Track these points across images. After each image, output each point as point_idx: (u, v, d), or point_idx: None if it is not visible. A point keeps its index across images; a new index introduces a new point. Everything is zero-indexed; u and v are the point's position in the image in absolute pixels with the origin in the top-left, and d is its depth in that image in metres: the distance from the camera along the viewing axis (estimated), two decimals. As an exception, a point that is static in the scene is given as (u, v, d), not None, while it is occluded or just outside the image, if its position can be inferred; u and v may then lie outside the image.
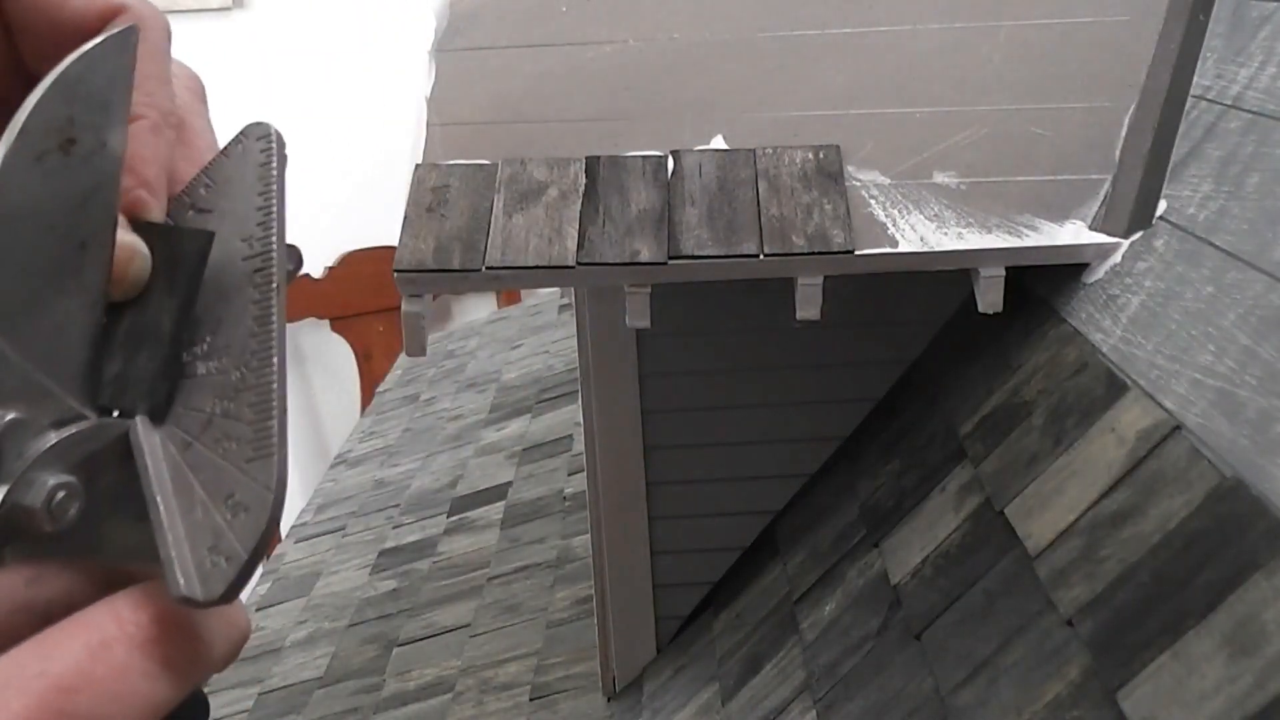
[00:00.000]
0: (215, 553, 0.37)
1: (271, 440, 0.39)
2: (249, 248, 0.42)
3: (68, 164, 0.39)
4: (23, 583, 0.37)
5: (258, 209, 0.43)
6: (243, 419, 0.40)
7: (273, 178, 0.44)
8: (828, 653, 1.00)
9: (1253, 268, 0.81)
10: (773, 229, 0.98)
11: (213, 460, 0.39)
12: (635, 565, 1.28)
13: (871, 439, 1.20)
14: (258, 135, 0.45)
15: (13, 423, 0.36)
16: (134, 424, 0.40)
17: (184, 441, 0.40)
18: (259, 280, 0.42)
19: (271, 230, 0.43)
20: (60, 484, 0.37)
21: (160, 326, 0.42)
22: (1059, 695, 0.72)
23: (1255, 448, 0.69)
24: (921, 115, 1.06)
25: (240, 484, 0.38)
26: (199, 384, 0.41)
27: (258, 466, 0.39)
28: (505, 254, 0.98)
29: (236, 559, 0.37)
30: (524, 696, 1.42)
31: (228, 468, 0.39)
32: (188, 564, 0.37)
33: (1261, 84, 0.94)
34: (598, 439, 1.24)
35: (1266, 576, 0.62)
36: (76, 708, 0.34)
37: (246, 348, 0.41)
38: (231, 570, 0.37)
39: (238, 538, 0.37)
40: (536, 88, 1.10)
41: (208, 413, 0.40)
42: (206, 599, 0.37)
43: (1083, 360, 0.90)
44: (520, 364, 2.76)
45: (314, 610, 1.87)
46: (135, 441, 0.40)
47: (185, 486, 0.39)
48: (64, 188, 0.39)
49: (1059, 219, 0.99)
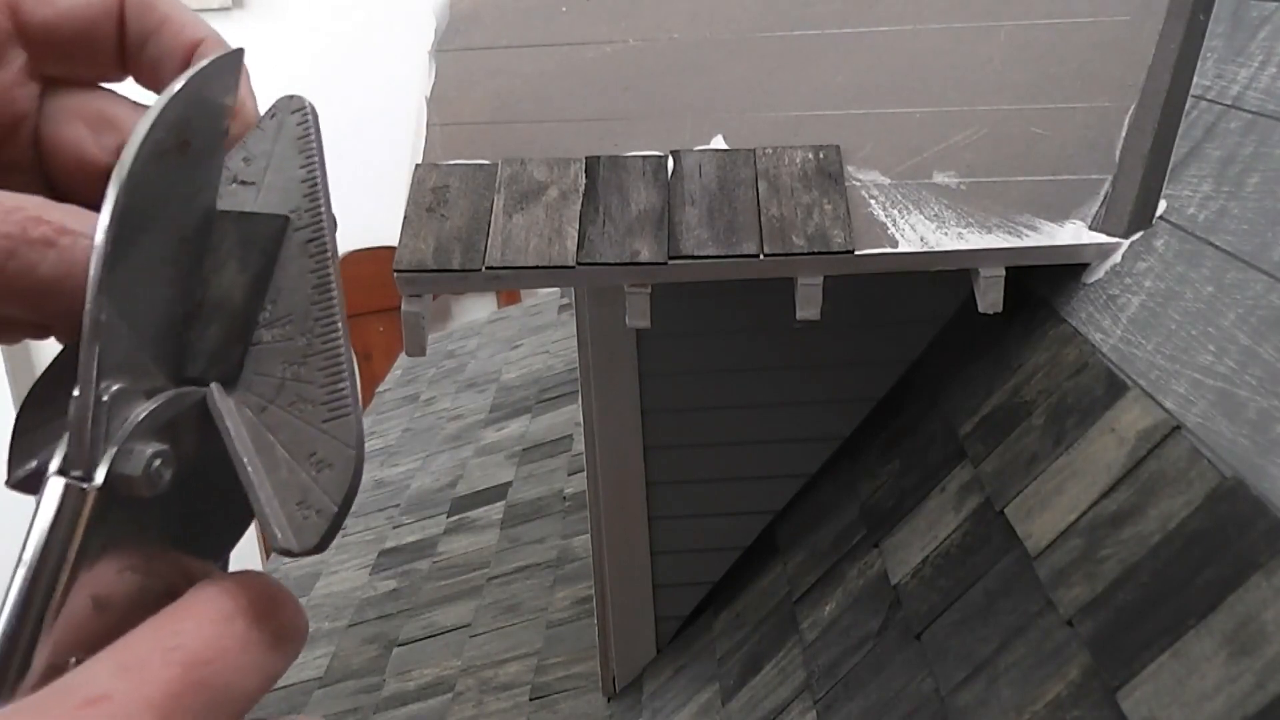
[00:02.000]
0: (304, 507, 0.40)
1: (346, 401, 0.42)
2: (298, 219, 0.45)
3: (182, 164, 0.43)
4: (115, 572, 0.39)
5: (302, 181, 0.46)
6: (315, 382, 0.42)
7: (313, 150, 0.46)
8: (828, 653, 1.00)
9: (1253, 268, 0.81)
10: (773, 229, 0.98)
11: (290, 421, 0.42)
12: (635, 565, 1.28)
13: (871, 439, 1.20)
14: (293, 109, 0.47)
15: (119, 392, 0.40)
16: (210, 391, 0.42)
17: (259, 405, 0.43)
18: (313, 250, 0.44)
19: (319, 202, 0.45)
20: (156, 452, 0.40)
21: (233, 301, 0.45)
22: (1059, 695, 0.72)
23: (1255, 448, 0.69)
24: (921, 115, 1.06)
25: (321, 442, 0.41)
26: (266, 351, 0.44)
27: (336, 426, 0.41)
28: (505, 254, 0.98)
29: (327, 511, 0.40)
30: (524, 696, 1.42)
31: (306, 428, 0.42)
32: (281, 518, 0.40)
33: (1261, 84, 0.94)
34: (598, 439, 1.24)
35: (1266, 576, 0.62)
36: (214, 677, 0.37)
37: (309, 314, 0.43)
38: (323, 522, 0.40)
39: (325, 492, 0.40)
40: (536, 88, 1.10)
41: (279, 378, 0.43)
42: (302, 549, 0.40)
43: (1083, 360, 0.90)
44: (520, 364, 2.76)
45: (314, 610, 1.87)
46: (214, 407, 0.42)
47: (266, 446, 0.42)
48: (176, 185, 0.43)
49: (1059, 219, 0.99)
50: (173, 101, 0.42)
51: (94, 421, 0.39)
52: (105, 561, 0.39)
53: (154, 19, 0.50)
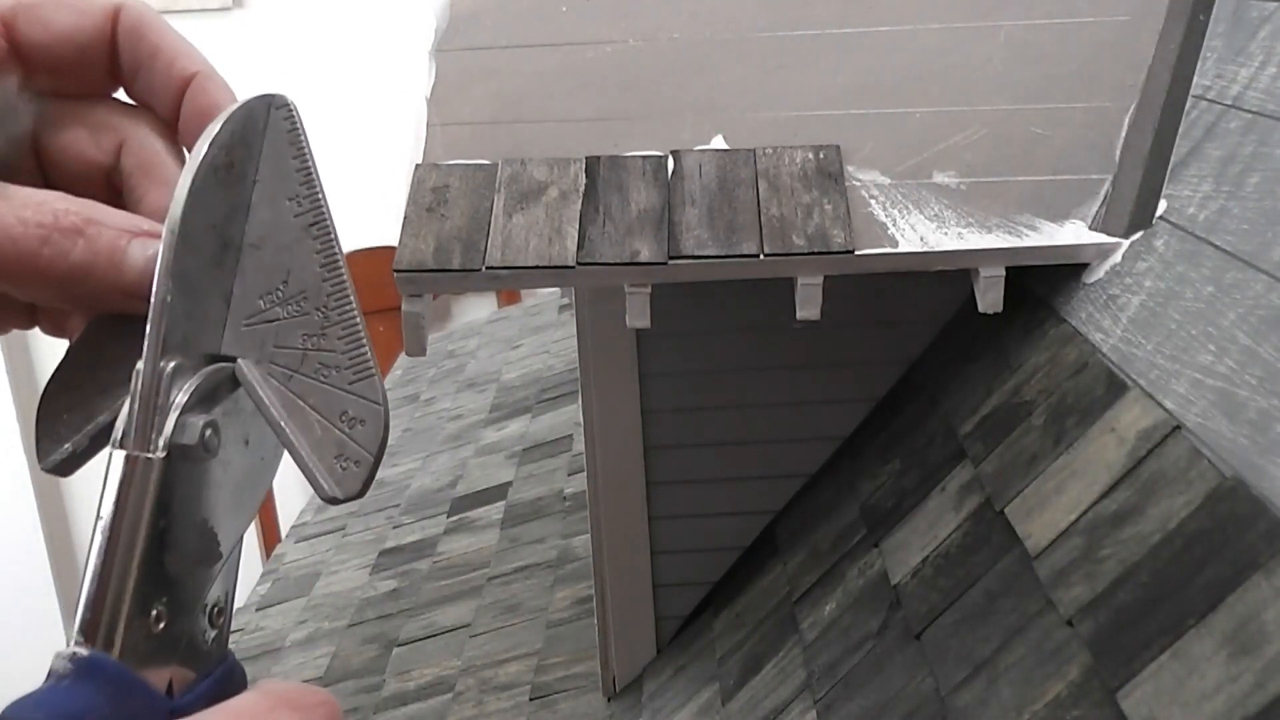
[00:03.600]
0: (343, 460, 0.46)
1: (369, 364, 0.47)
2: (298, 205, 0.50)
3: (229, 180, 0.48)
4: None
5: (297, 170, 0.50)
6: (336, 350, 0.47)
7: (303, 142, 0.51)
8: (828, 653, 1.00)
9: (1253, 268, 0.81)
10: (773, 229, 0.98)
11: (317, 386, 0.47)
12: (635, 565, 1.28)
13: (871, 439, 1.20)
14: (278, 105, 0.51)
15: (177, 366, 0.45)
16: (239, 365, 0.47)
17: (284, 375, 0.47)
18: (316, 232, 0.49)
19: (315, 187, 0.50)
20: (208, 422, 0.45)
21: None
22: (1059, 695, 0.72)
23: (1255, 448, 0.69)
24: (921, 115, 1.06)
25: (350, 402, 0.47)
26: (284, 326, 0.48)
27: (362, 386, 0.47)
28: (505, 254, 0.98)
29: (365, 462, 0.46)
30: (524, 696, 1.42)
31: (333, 391, 0.47)
32: (323, 471, 0.46)
33: (1261, 84, 0.94)
34: (598, 439, 1.24)
35: (1266, 576, 0.62)
36: None
37: (321, 290, 0.48)
38: (363, 471, 0.46)
39: (361, 444, 0.46)
40: (536, 88, 1.10)
41: (300, 349, 0.48)
42: (346, 496, 0.46)
43: (1083, 360, 0.90)
44: (520, 364, 2.76)
45: (314, 610, 1.87)
46: (244, 379, 0.47)
47: (298, 410, 0.47)
48: (223, 198, 0.48)
49: (1059, 219, 0.99)
50: (225, 126, 0.48)
51: (157, 393, 0.44)
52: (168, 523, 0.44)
53: (146, 48, 0.53)
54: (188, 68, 0.53)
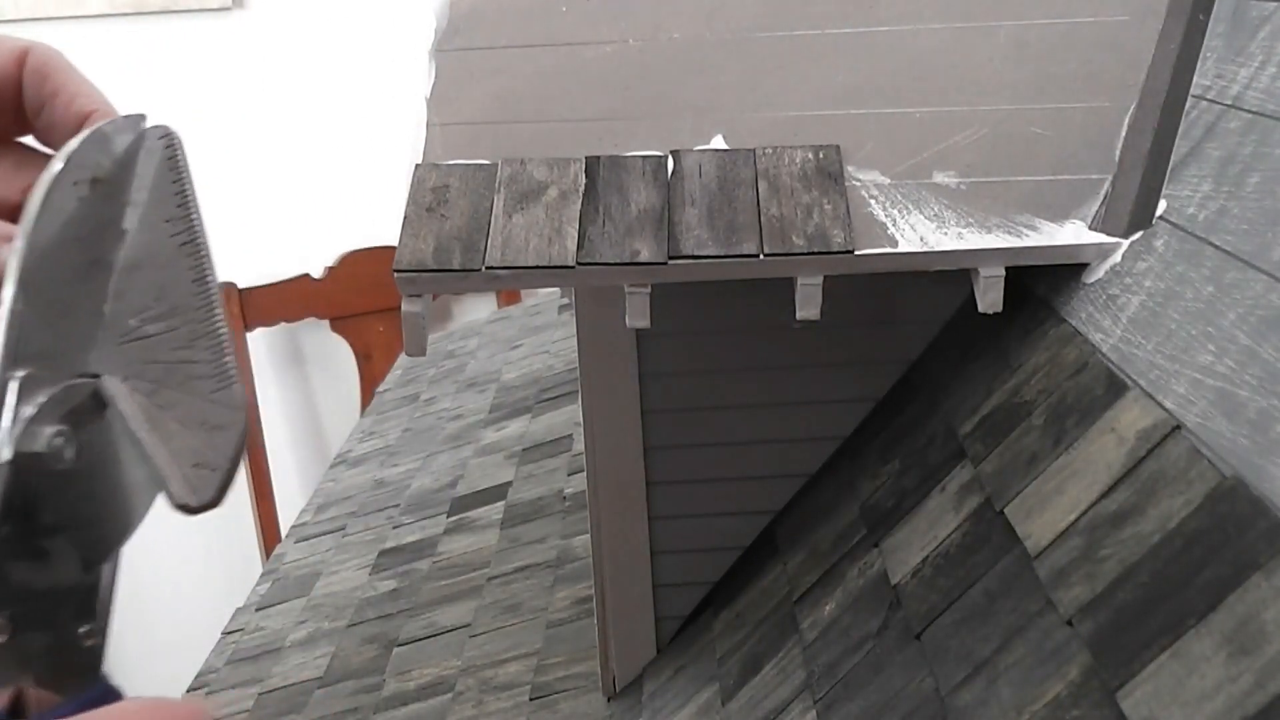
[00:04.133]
0: (200, 467, 0.48)
1: (231, 372, 0.49)
2: (173, 226, 0.52)
3: (93, 197, 0.49)
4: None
5: (174, 194, 0.52)
6: (201, 360, 0.50)
7: (181, 168, 0.53)
8: (828, 653, 1.00)
9: (1252, 268, 0.81)
10: (773, 229, 0.98)
11: (180, 398, 0.49)
12: (635, 565, 1.28)
13: (871, 439, 1.20)
14: (159, 134, 0.53)
15: (28, 376, 0.45)
16: (102, 380, 0.49)
17: (150, 388, 0.49)
18: (189, 250, 0.52)
19: (190, 209, 0.52)
20: (57, 432, 0.45)
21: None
22: (1059, 695, 0.72)
23: (1255, 448, 0.69)
24: (921, 115, 1.06)
25: (210, 411, 0.49)
26: (154, 343, 0.50)
27: (223, 395, 0.49)
28: (505, 254, 0.98)
29: (220, 468, 0.48)
30: (524, 696, 1.42)
31: (195, 401, 0.49)
32: (179, 478, 0.47)
33: (1261, 84, 0.94)
34: (597, 439, 1.24)
35: (1266, 576, 0.62)
36: None
37: (190, 305, 0.51)
38: (217, 477, 0.48)
39: (218, 452, 0.48)
40: (536, 88, 1.10)
41: (167, 362, 0.49)
42: (200, 503, 0.48)
43: (1083, 360, 0.90)
44: (520, 364, 2.75)
45: (314, 610, 1.87)
46: (108, 393, 0.48)
47: (160, 421, 0.48)
48: (88, 214, 0.49)
49: (1059, 219, 0.99)
50: (85, 143, 0.50)
51: (1, 400, 0.45)
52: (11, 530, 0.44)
53: (48, 89, 0.56)
54: (85, 106, 0.56)
